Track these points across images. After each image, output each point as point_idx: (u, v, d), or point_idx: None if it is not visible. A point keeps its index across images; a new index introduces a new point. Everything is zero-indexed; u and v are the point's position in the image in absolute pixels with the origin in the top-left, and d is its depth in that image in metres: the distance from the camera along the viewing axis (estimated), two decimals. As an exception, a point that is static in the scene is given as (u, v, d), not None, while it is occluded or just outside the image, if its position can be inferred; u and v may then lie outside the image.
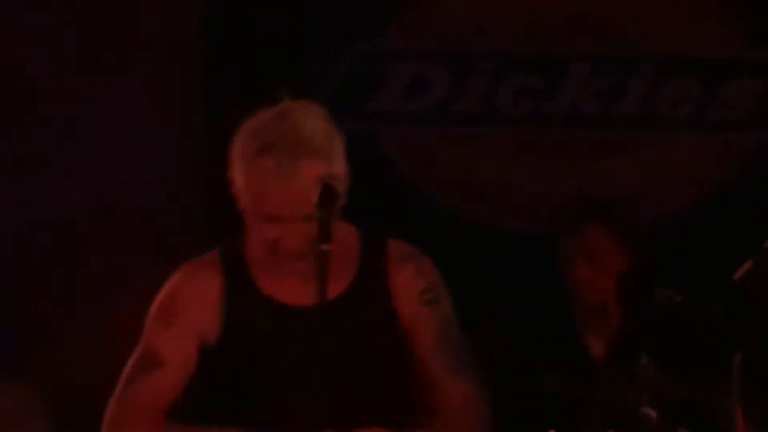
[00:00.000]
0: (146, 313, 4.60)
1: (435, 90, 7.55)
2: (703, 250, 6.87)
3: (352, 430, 4.40)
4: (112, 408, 4.48)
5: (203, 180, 6.85)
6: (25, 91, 7.59)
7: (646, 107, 7.47)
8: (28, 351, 7.46)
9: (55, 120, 7.55)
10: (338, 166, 4.24)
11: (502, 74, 7.51)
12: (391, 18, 7.59)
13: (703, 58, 7.63)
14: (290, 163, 4.35)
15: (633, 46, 7.54)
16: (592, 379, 6.30)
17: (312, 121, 4.34)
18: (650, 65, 7.57)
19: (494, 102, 7.47)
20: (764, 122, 7.59)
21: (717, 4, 7.62)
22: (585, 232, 6.45)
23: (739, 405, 3.59)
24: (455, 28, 7.50)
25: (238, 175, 4.39)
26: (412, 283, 4.62)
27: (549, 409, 6.33)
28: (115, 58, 7.66)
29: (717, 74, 7.58)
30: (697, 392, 5.82)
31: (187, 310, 4.67)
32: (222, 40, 7.68)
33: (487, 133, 7.59)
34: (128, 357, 4.49)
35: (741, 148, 7.57)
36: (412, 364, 4.60)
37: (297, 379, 4.54)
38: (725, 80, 7.53)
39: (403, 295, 4.59)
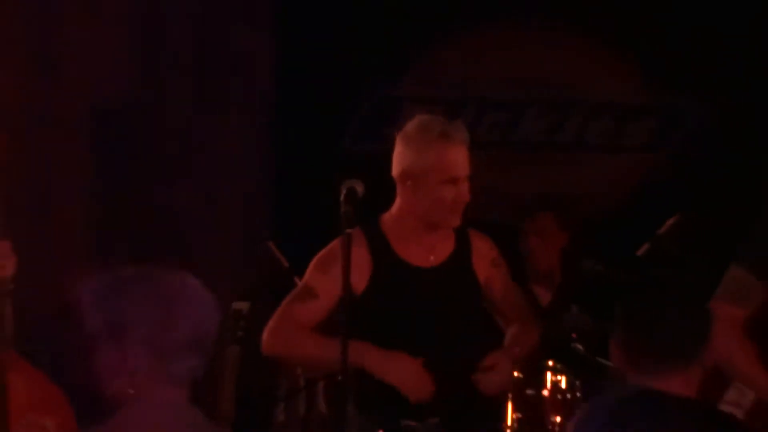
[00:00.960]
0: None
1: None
2: (620, 233, 7.85)
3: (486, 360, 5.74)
4: (274, 319, 5.73)
5: (275, 190, 8.17)
6: (153, 121, 8.73)
7: (578, 137, 9.11)
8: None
9: (171, 142, 8.69)
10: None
11: (481, 112, 9.07)
12: (403, 71, 9.12)
13: (615, 102, 9.21)
14: (461, 138, 5.70)
15: (569, 95, 9.12)
16: (540, 323, 7.14)
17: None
18: (581, 107, 9.13)
19: (475, 132, 8.06)
20: (659, 147, 9.19)
21: (626, 66, 9.09)
22: (539, 219, 8.04)
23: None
24: (448, 79, 9.08)
25: (418, 159, 5.70)
26: (486, 255, 5.95)
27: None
28: (218, 99, 8.98)
29: (626, 114, 9.17)
30: (610, 330, 7.58)
31: (348, 262, 5.63)
32: (291, 93, 8.98)
33: (470, 154, 9.17)
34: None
35: (644, 164, 9.17)
36: (482, 309, 6.05)
37: (420, 315, 5.75)
38: (633, 118, 9.14)
39: (480, 262, 5.92)
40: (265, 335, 5.85)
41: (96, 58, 8.74)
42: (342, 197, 5.34)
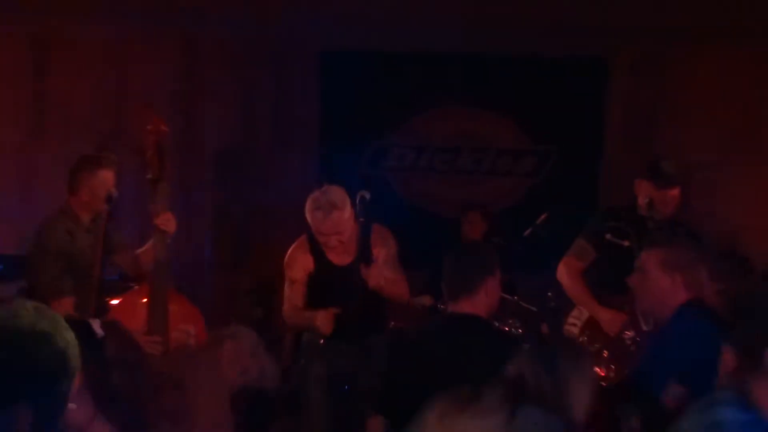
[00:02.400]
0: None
1: (414, 160, 11.03)
2: (515, 223, 9.42)
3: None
4: (285, 303, 7.21)
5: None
6: (246, 156, 10.61)
7: (491, 168, 11.06)
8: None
9: (259, 170, 10.57)
10: (345, 212, 6.83)
11: (436, 154, 11.03)
12: (394, 130, 10.98)
13: (511, 148, 11.09)
14: (328, 208, 6.84)
15: (485, 144, 11.03)
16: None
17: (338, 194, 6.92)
18: (491, 151, 11.04)
19: (433, 163, 10.99)
20: (536, 173, 10.99)
21: (516, 128, 10.96)
22: (469, 215, 10.09)
23: None
24: (418, 134, 10.97)
25: (309, 219, 6.92)
26: (378, 240, 7.20)
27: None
28: (286, 145, 10.81)
29: (517, 154, 11.06)
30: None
31: (299, 262, 7.18)
32: (330, 140, 10.73)
33: (429, 176, 11.02)
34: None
35: (528, 183, 11.04)
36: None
37: (342, 293, 7.04)
38: (521, 157, 11.08)
39: (376, 245, 7.15)
40: (283, 312, 7.34)
41: (218, 116, 10.64)
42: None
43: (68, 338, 2.73)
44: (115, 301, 6.93)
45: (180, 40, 10.81)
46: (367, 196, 7.09)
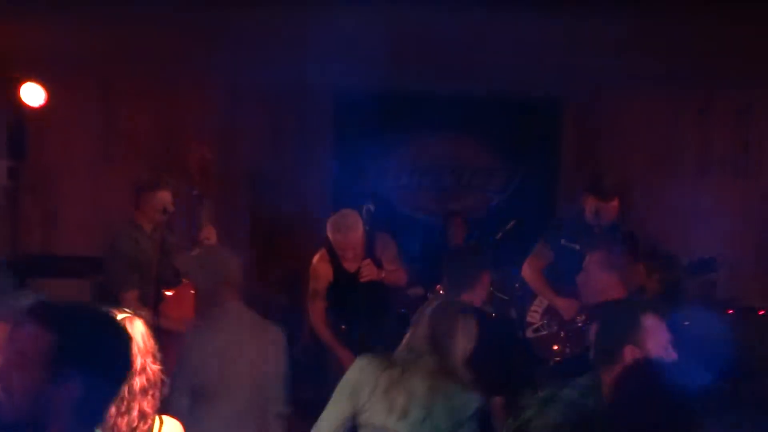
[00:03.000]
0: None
1: (407, 178, 11.08)
2: (488, 228, 9.56)
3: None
4: (310, 312, 7.16)
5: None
6: (271, 177, 10.57)
7: (468, 184, 11.11)
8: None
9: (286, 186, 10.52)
10: (359, 230, 6.86)
11: (425, 175, 11.06)
12: (395, 152, 10.98)
13: (484, 167, 11.10)
14: (346, 228, 6.88)
15: (464, 165, 11.07)
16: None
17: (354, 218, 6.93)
18: (469, 170, 11.10)
19: (422, 182, 11.09)
20: (505, 189, 11.01)
21: (489, 153, 11.05)
22: (453, 221, 10.18)
23: None
24: (410, 162, 11.06)
25: (330, 235, 6.94)
26: (381, 244, 7.19)
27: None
28: (294, 161, 10.83)
29: (489, 173, 11.12)
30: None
31: (321, 275, 7.12)
32: (342, 172, 10.69)
33: (419, 191, 11.08)
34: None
35: (496, 198, 11.05)
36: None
37: (354, 292, 7.01)
38: (492, 175, 11.12)
39: (378, 247, 7.14)
40: (312, 322, 7.28)
41: (252, 144, 10.61)
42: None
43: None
44: (169, 293, 6.95)
45: (222, 84, 10.86)
46: (372, 208, 7.19)
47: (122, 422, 3.29)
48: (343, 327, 7.10)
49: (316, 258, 7.20)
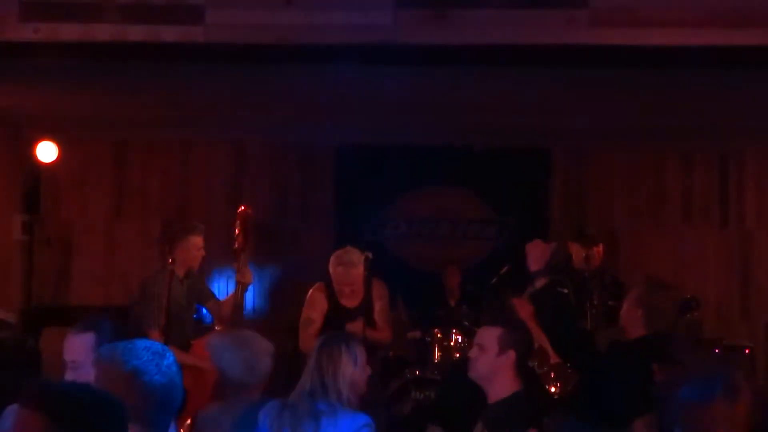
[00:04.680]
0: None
1: (405, 228, 11.13)
2: (484, 274, 9.48)
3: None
4: (300, 337, 6.99)
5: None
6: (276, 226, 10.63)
7: (463, 234, 11.16)
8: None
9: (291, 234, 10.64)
10: (360, 268, 6.92)
11: (422, 225, 11.10)
12: (393, 204, 11.07)
13: (478, 218, 11.13)
14: (347, 263, 6.96)
15: (458, 216, 11.13)
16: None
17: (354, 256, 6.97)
18: (463, 222, 11.16)
19: (416, 229, 11.11)
20: (498, 237, 11.05)
21: (483, 204, 11.05)
22: (449, 270, 10.12)
23: None
24: (406, 212, 11.08)
25: (331, 271, 7.00)
26: (377, 293, 7.19)
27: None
28: (298, 216, 11.02)
29: (484, 224, 11.13)
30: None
31: (317, 304, 7.11)
32: (343, 218, 10.82)
33: (416, 241, 11.12)
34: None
35: (493, 245, 11.05)
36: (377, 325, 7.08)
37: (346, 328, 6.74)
38: (487, 226, 11.14)
39: (375, 297, 7.17)
40: (300, 345, 7.07)
41: (258, 199, 9.98)
42: (363, 259, 7.05)
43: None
44: (198, 340, 7.00)
45: (230, 143, 11.04)
46: (371, 256, 7.19)
47: None
48: None
49: (312, 288, 7.26)
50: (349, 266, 6.95)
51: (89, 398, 2.46)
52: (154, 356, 2.97)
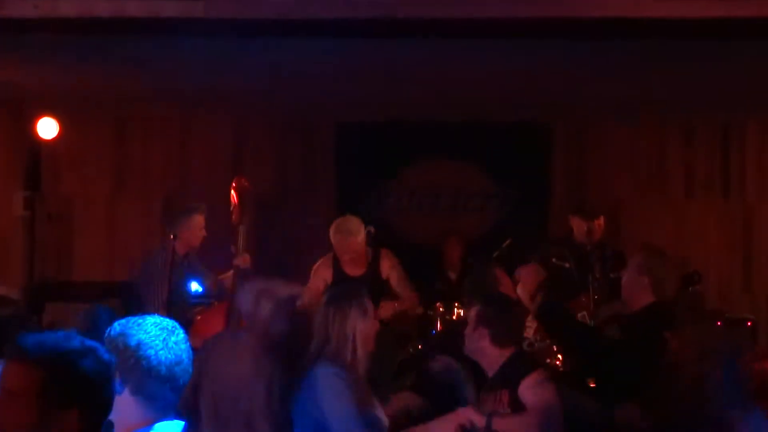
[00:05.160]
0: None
1: (407, 202, 11.05)
2: (487, 247, 9.23)
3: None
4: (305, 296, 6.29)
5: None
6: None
7: (465, 206, 11.09)
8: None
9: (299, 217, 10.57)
10: (359, 236, 7.12)
11: (424, 197, 11.08)
12: (395, 178, 10.99)
13: (481, 191, 11.08)
14: (346, 232, 7.17)
15: (461, 189, 11.08)
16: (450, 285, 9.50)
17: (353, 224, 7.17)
18: (465, 194, 11.11)
19: (421, 206, 11.06)
20: (501, 209, 10.99)
21: (485, 179, 11.01)
22: (449, 241, 10.13)
23: None
24: (406, 186, 11.05)
25: (331, 239, 7.17)
26: (387, 263, 7.42)
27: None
28: (300, 189, 10.89)
29: (486, 197, 11.07)
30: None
31: (320, 274, 7.38)
32: (345, 197, 10.71)
33: (419, 214, 11.04)
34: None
35: (495, 217, 10.98)
36: (387, 291, 7.27)
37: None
38: (489, 198, 11.06)
39: (384, 267, 7.39)
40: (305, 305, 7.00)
41: (260, 173, 9.91)
42: (365, 230, 7.34)
43: (113, 351, 2.80)
44: (199, 317, 7.03)
45: (231, 119, 11.00)
46: (372, 230, 7.42)
47: None
48: None
49: (318, 261, 7.41)
50: (347, 234, 7.08)
51: (79, 347, 2.51)
52: (162, 332, 3.05)
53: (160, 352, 3.00)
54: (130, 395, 2.96)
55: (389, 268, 7.32)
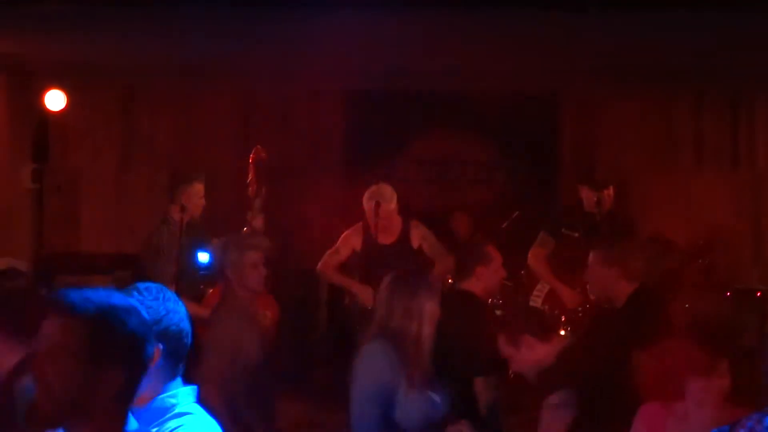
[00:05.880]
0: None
1: (415, 173, 10.98)
2: (492, 217, 9.67)
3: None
4: (323, 259, 7.34)
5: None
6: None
7: (473, 178, 11.07)
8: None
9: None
10: (393, 203, 7.16)
11: (434, 169, 11.05)
12: (403, 149, 10.98)
13: (485, 162, 11.09)
14: (380, 197, 7.16)
15: (466, 159, 11.09)
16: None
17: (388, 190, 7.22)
18: (471, 166, 11.08)
19: (429, 176, 10.96)
20: (503, 181, 11.00)
21: (489, 150, 11.06)
22: (456, 215, 10.18)
23: None
24: (422, 153, 11.04)
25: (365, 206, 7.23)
26: (417, 232, 7.38)
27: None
28: (309, 160, 10.85)
29: (491, 169, 11.05)
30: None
31: (349, 240, 7.36)
32: (352, 157, 10.88)
33: (426, 185, 11.01)
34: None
35: (497, 189, 11.00)
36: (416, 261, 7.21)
37: (382, 263, 6.83)
38: (493, 170, 11.05)
39: (415, 236, 7.38)
40: (319, 266, 7.46)
41: (268, 145, 8.99)
42: (373, 205, 7.20)
43: (152, 311, 2.87)
44: (211, 290, 7.03)
45: (238, 90, 11.01)
46: (381, 202, 7.27)
47: None
48: None
49: (350, 228, 7.41)
50: (380, 201, 7.10)
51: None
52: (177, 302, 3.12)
53: (183, 321, 3.08)
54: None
55: (420, 238, 7.34)
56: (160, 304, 3.04)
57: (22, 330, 3.47)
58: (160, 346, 2.68)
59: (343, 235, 7.43)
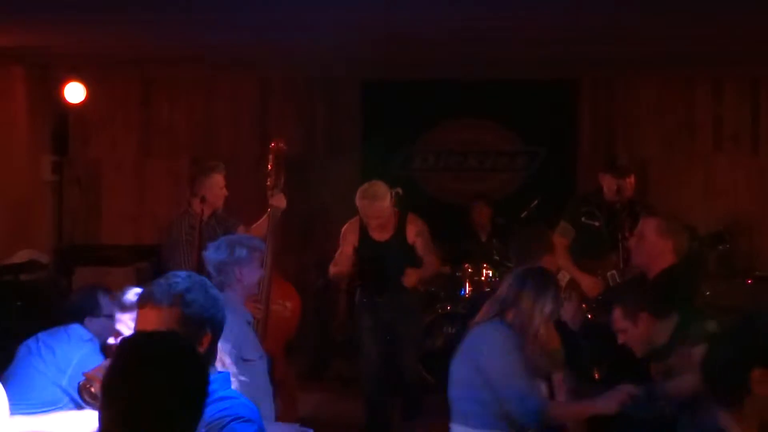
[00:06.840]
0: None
1: (433, 162, 11.02)
2: (514, 208, 9.63)
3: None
4: (333, 264, 7.43)
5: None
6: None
7: (493, 166, 11.01)
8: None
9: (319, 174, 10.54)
10: (386, 201, 7.02)
11: (451, 158, 11.01)
12: (421, 138, 10.98)
13: (507, 150, 11.04)
14: (371, 197, 7.06)
15: (488, 149, 11.02)
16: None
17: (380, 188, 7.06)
18: (491, 154, 11.05)
19: (448, 165, 10.97)
20: (528, 169, 10.88)
21: (511, 136, 10.93)
22: (477, 204, 10.06)
23: None
24: (431, 146, 11.02)
25: (357, 204, 7.09)
26: (413, 228, 7.28)
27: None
28: (325, 150, 10.96)
29: (513, 156, 11.03)
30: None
31: (348, 239, 7.35)
32: (369, 147, 10.74)
33: (445, 174, 11.02)
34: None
35: (522, 177, 10.91)
36: (413, 256, 7.22)
37: (378, 260, 7.22)
38: (516, 157, 11.02)
39: (410, 232, 7.27)
40: (329, 269, 7.53)
41: (284, 134, 8.79)
42: (392, 194, 7.24)
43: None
44: None
45: (255, 79, 11.02)
46: (400, 191, 7.31)
47: None
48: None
49: (346, 225, 7.41)
50: (372, 199, 7.02)
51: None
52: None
53: (224, 311, 3.18)
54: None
55: (415, 234, 7.27)
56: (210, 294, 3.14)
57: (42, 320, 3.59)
58: (209, 332, 2.96)
59: (341, 234, 7.43)
